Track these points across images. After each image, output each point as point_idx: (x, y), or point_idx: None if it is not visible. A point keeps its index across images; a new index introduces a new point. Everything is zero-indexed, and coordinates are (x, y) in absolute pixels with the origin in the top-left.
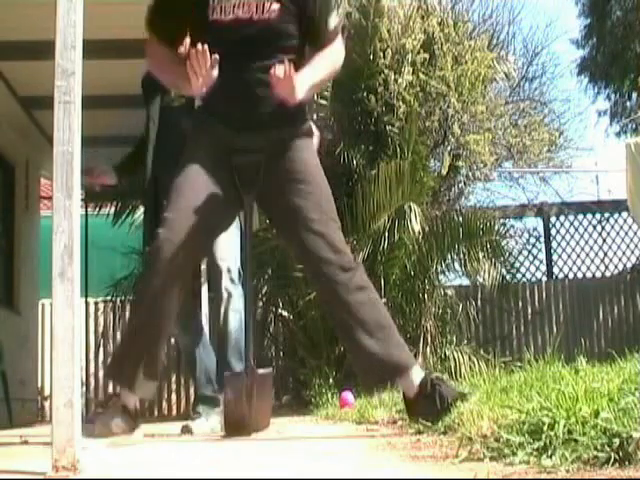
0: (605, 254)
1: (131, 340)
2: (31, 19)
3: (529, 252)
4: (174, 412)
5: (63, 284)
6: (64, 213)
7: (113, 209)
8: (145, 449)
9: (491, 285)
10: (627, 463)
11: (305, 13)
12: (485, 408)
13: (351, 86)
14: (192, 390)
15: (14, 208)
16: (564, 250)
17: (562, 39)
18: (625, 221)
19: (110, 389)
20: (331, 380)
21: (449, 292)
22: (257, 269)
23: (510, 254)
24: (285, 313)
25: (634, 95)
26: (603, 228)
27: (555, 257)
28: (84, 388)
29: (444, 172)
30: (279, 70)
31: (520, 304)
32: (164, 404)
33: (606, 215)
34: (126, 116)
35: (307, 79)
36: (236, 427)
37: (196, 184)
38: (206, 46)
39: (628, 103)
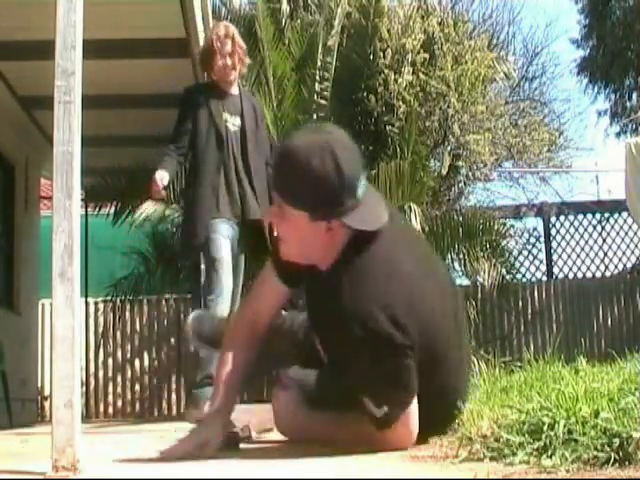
0: (605, 254)
1: None
2: (31, 19)
3: (529, 252)
4: (174, 412)
5: (63, 284)
6: (64, 213)
7: (113, 209)
8: (144, 449)
9: (491, 285)
10: (627, 463)
11: None
12: (485, 408)
13: (351, 86)
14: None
15: (14, 208)
16: (564, 250)
17: (562, 39)
18: (625, 221)
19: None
20: None
21: None
22: (257, 269)
23: (510, 254)
24: (284, 312)
25: (634, 95)
26: (603, 228)
27: (555, 257)
28: (84, 388)
29: (444, 172)
30: None
31: (520, 304)
32: (164, 404)
33: (606, 215)
34: (126, 116)
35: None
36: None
37: None
38: None
39: (628, 103)
